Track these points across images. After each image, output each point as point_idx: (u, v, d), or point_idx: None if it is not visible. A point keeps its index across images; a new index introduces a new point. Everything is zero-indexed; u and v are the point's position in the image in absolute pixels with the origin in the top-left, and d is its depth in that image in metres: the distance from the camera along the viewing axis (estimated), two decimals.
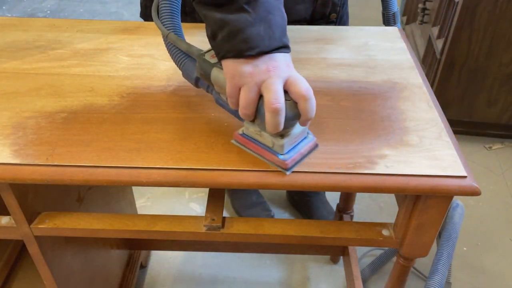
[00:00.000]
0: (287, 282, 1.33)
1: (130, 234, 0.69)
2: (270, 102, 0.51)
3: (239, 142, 0.60)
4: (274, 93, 0.51)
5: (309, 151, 0.59)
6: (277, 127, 0.52)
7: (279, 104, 0.51)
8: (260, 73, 0.52)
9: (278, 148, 0.56)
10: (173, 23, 0.64)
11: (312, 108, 0.52)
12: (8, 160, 0.57)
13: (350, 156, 0.58)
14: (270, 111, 0.51)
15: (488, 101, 1.74)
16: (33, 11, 2.94)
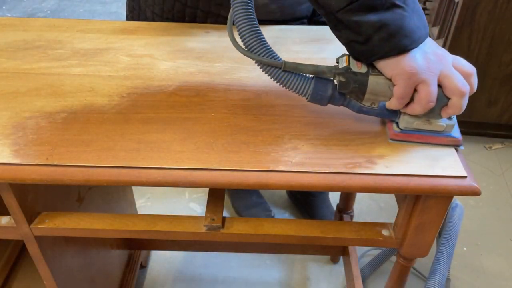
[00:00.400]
0: (287, 282, 1.33)
1: (130, 234, 0.69)
2: (459, 87, 0.53)
3: (399, 139, 0.61)
4: (458, 77, 0.54)
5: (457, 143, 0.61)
6: (464, 108, 0.55)
7: (467, 86, 0.54)
8: (435, 63, 0.53)
9: (450, 128, 0.59)
10: (266, 48, 0.58)
11: (476, 82, 0.56)
12: (8, 160, 0.57)
13: (350, 156, 0.58)
14: (461, 96, 0.54)
15: (488, 101, 1.74)
16: (33, 11, 2.94)
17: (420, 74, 0.52)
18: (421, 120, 0.58)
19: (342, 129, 0.63)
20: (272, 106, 0.67)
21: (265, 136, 0.61)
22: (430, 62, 0.53)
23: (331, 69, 0.58)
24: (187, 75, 0.74)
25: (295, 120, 0.64)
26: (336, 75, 0.58)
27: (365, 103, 0.59)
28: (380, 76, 0.56)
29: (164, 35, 0.86)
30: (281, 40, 0.85)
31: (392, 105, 0.57)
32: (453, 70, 0.54)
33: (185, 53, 0.80)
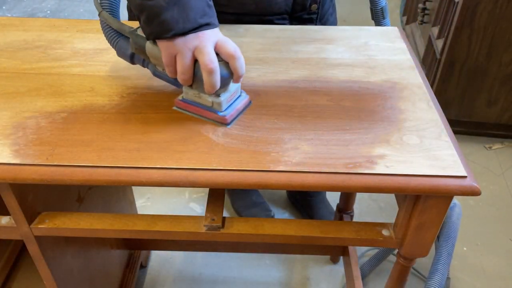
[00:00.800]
0: (287, 282, 1.33)
1: (130, 234, 0.69)
2: (205, 63, 0.57)
3: (180, 107, 0.66)
4: (208, 55, 0.57)
5: (244, 107, 0.66)
6: (214, 86, 0.59)
7: (213, 64, 0.57)
8: (192, 40, 0.58)
9: (217, 106, 0.62)
10: (110, 2, 0.67)
11: (241, 65, 0.59)
12: (8, 160, 0.57)
13: (350, 156, 0.58)
14: (207, 72, 0.58)
15: (488, 101, 1.74)
16: (33, 11, 2.94)
17: (174, 46, 0.58)
18: (193, 92, 0.63)
19: (342, 129, 0.63)
20: (272, 106, 0.67)
21: (265, 136, 0.61)
22: (187, 38, 0.58)
23: (130, 30, 0.64)
24: None
25: (295, 120, 0.64)
26: (129, 35, 0.64)
27: (157, 67, 0.65)
28: (155, 43, 0.61)
29: None
30: (282, 40, 0.85)
31: (166, 71, 0.62)
32: (209, 49, 0.58)
33: None
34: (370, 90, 0.71)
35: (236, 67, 0.59)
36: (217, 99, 0.62)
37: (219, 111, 0.63)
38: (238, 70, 0.60)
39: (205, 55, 0.57)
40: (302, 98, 0.69)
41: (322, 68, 0.77)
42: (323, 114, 0.66)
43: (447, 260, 1.07)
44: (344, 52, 0.81)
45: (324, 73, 0.75)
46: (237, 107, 0.65)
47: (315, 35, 0.87)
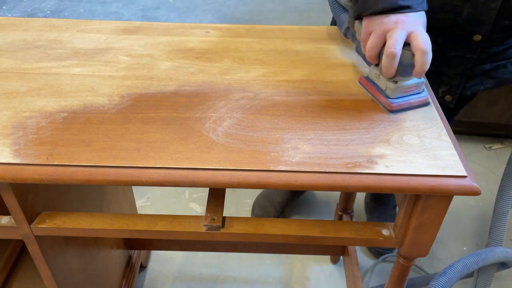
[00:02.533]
0: (287, 282, 1.33)
1: (130, 234, 0.69)
2: (388, 46, 0.60)
3: (361, 83, 0.71)
4: (393, 39, 0.60)
5: (418, 105, 0.66)
6: (390, 70, 0.62)
7: (395, 49, 0.59)
8: (389, 23, 0.61)
9: (389, 92, 0.65)
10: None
11: (426, 61, 0.59)
12: (8, 160, 0.57)
13: (350, 155, 0.58)
14: (386, 55, 0.61)
15: (488, 101, 1.74)
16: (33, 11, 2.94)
17: (373, 25, 0.63)
18: (375, 72, 0.67)
19: (342, 129, 0.63)
20: (272, 106, 0.67)
21: (265, 136, 0.61)
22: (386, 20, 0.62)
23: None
24: (187, 75, 0.74)
25: (295, 120, 0.65)
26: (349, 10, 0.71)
27: (360, 44, 0.68)
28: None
29: (164, 35, 0.86)
30: (282, 40, 0.85)
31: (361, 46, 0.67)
32: (397, 34, 0.60)
33: (185, 53, 0.80)
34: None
35: (420, 61, 0.59)
36: (392, 84, 0.64)
37: (389, 97, 0.65)
38: (421, 64, 0.60)
39: (391, 38, 0.60)
40: (302, 98, 0.69)
41: (322, 68, 0.77)
42: (323, 114, 0.66)
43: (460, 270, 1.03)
44: (345, 52, 0.81)
45: (324, 73, 0.75)
46: (410, 101, 0.65)
47: (315, 35, 0.87)
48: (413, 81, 0.64)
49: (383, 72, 0.63)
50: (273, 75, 0.75)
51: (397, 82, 0.64)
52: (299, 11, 2.91)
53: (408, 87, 0.64)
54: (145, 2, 3.05)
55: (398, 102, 0.65)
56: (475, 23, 0.85)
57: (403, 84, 0.64)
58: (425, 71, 0.61)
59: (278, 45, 0.83)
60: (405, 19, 0.61)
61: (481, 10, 0.82)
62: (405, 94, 0.65)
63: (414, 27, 0.61)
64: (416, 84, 0.65)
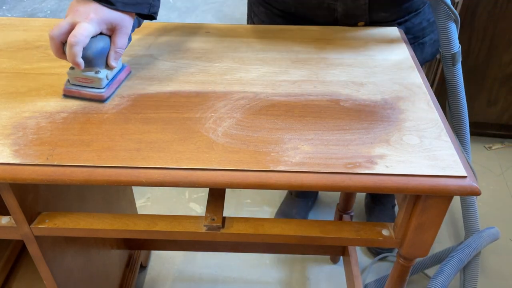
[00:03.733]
0: (287, 282, 1.33)
1: (130, 234, 0.69)
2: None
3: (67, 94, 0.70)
4: (56, 25, 0.63)
5: (90, 98, 0.67)
6: (51, 51, 0.64)
7: (51, 32, 0.62)
8: (69, 9, 0.64)
9: (68, 77, 0.68)
10: None
11: (71, 53, 0.61)
12: (8, 160, 0.57)
13: (350, 156, 0.58)
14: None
15: (488, 101, 1.74)
16: (33, 11, 2.94)
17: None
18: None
19: (342, 129, 0.63)
20: (272, 106, 0.67)
21: (265, 136, 0.61)
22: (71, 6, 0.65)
23: None
24: (187, 75, 0.74)
25: (295, 120, 0.65)
26: None
27: None
28: None
29: (164, 35, 0.86)
30: (282, 40, 0.85)
31: None
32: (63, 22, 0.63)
33: (185, 53, 0.80)
34: (370, 90, 0.71)
35: (67, 52, 0.62)
36: (69, 70, 0.67)
37: (68, 81, 0.68)
38: (67, 54, 0.62)
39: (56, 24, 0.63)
40: (302, 98, 0.69)
41: (322, 68, 0.77)
42: (323, 114, 0.66)
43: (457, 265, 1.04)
44: (344, 52, 0.81)
45: (324, 73, 0.75)
46: (81, 91, 0.67)
47: (315, 35, 0.87)
48: (86, 73, 0.66)
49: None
50: (273, 75, 0.75)
51: (73, 69, 0.67)
52: None
53: (82, 77, 0.67)
54: None
55: (69, 88, 0.67)
56: (352, 16, 0.89)
57: (77, 73, 0.66)
58: (74, 62, 0.62)
59: (278, 45, 0.83)
60: (80, 9, 0.63)
61: (352, 6, 0.87)
62: (81, 83, 0.67)
63: (81, 19, 0.62)
64: (89, 77, 0.66)
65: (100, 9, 0.63)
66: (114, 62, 0.67)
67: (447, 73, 0.85)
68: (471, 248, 1.07)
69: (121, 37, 0.67)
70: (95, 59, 0.65)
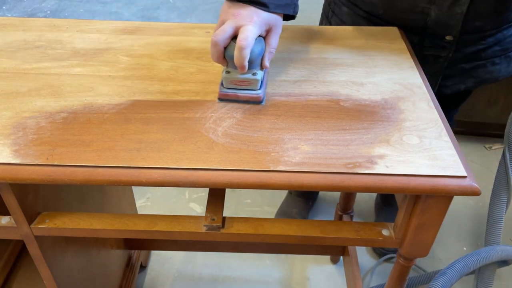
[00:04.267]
0: (287, 282, 1.33)
1: (130, 234, 0.69)
2: (213, 34, 0.63)
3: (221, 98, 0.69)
4: (219, 30, 0.63)
5: (247, 100, 0.67)
6: (213, 57, 0.65)
7: (215, 37, 0.62)
8: (228, 14, 0.64)
9: (223, 80, 0.67)
10: None
11: (241, 56, 0.61)
12: (8, 160, 0.57)
13: (350, 156, 0.58)
14: (211, 41, 0.63)
15: (488, 101, 1.74)
16: (33, 11, 2.94)
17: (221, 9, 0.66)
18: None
19: (342, 129, 0.63)
20: (272, 106, 0.67)
21: (265, 136, 0.61)
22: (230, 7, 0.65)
23: None
24: (187, 75, 0.74)
25: (295, 120, 0.65)
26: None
27: None
28: None
29: (164, 35, 0.86)
30: (282, 40, 0.85)
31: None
32: (226, 25, 0.63)
33: (185, 53, 0.80)
34: (370, 90, 0.71)
35: (236, 55, 0.61)
36: (224, 74, 0.66)
37: (222, 85, 0.67)
38: (236, 58, 0.62)
39: (219, 28, 0.63)
40: (302, 98, 0.69)
41: (322, 68, 0.77)
42: (323, 114, 0.66)
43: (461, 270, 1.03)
44: (344, 52, 0.81)
45: (324, 73, 0.75)
46: (238, 94, 0.67)
47: (315, 35, 0.87)
48: (244, 75, 0.65)
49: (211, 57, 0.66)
50: (273, 75, 0.75)
51: (229, 72, 0.66)
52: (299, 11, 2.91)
53: (239, 80, 0.66)
54: (145, 2, 3.05)
55: (225, 92, 0.66)
56: (444, 25, 0.86)
57: (234, 76, 0.65)
58: (242, 66, 0.62)
59: (278, 45, 0.83)
60: (242, 12, 0.63)
61: (447, 14, 0.84)
62: (237, 86, 0.66)
63: (245, 22, 0.62)
64: (247, 79, 0.65)
65: (260, 12, 0.64)
66: (268, 62, 0.67)
67: None
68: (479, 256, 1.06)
69: (275, 37, 0.68)
70: (255, 61, 0.65)
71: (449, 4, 0.82)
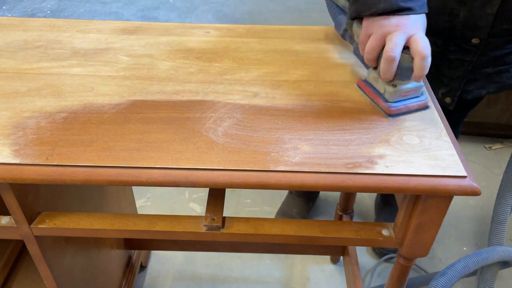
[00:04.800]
0: (287, 282, 1.33)
1: (130, 234, 0.69)
2: (386, 50, 0.60)
3: (360, 86, 0.70)
4: (393, 43, 0.59)
5: (417, 108, 0.66)
6: (388, 74, 0.61)
7: (393, 53, 0.59)
8: (389, 26, 0.61)
9: (388, 95, 0.64)
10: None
11: (425, 65, 0.59)
12: (8, 160, 0.57)
13: (350, 156, 0.58)
14: (385, 58, 0.60)
15: (488, 101, 1.74)
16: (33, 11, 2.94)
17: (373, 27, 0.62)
18: (373, 75, 0.67)
19: (342, 129, 0.63)
20: (272, 106, 0.67)
21: (265, 136, 0.61)
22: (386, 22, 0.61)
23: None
24: (187, 75, 0.74)
25: (295, 120, 0.65)
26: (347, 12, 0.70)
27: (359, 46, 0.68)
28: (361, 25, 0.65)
29: (164, 35, 0.86)
30: (282, 40, 0.85)
31: (359, 48, 0.67)
32: (397, 38, 0.60)
33: (185, 53, 0.80)
34: None
35: (419, 65, 0.59)
36: (390, 88, 0.63)
37: (388, 101, 0.64)
38: (419, 68, 0.59)
39: (390, 42, 0.59)
40: (302, 98, 0.69)
41: (322, 68, 0.77)
42: (323, 114, 0.66)
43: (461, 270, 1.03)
44: (344, 52, 0.81)
45: (324, 73, 0.75)
46: (409, 105, 0.65)
47: (315, 35, 0.87)
48: (412, 85, 0.64)
49: (382, 75, 0.62)
50: (273, 75, 0.75)
51: (396, 85, 0.63)
52: (299, 11, 2.91)
53: (407, 91, 0.64)
54: (145, 2, 3.05)
55: (396, 106, 0.64)
56: (472, 26, 0.85)
57: (401, 88, 0.63)
58: (423, 75, 0.60)
59: (278, 45, 0.83)
60: (406, 22, 0.60)
61: (477, 14, 0.82)
62: (404, 98, 0.65)
63: (414, 31, 0.60)
64: (415, 88, 0.64)
65: (417, 17, 0.62)
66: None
67: None
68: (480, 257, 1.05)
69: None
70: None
71: (480, 4, 0.80)
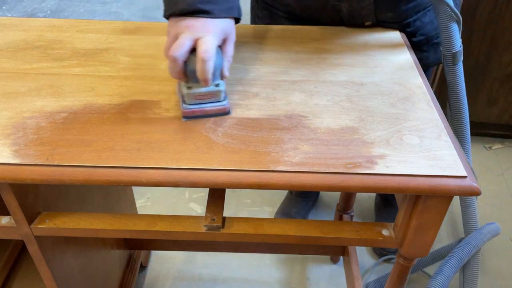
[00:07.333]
0: (287, 282, 1.33)
1: (130, 234, 0.69)
2: (166, 49, 0.61)
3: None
4: (176, 44, 0.59)
5: (215, 113, 0.65)
6: (173, 73, 0.61)
7: (172, 53, 0.59)
8: (180, 27, 0.61)
9: (186, 98, 0.64)
10: None
11: (205, 69, 0.58)
12: (8, 160, 0.57)
13: (350, 156, 0.58)
14: (167, 57, 0.60)
15: (488, 101, 1.74)
16: (33, 11, 2.94)
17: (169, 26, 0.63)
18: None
19: (342, 129, 0.63)
20: (272, 106, 0.67)
21: (265, 136, 0.61)
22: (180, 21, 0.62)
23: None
24: None
25: (295, 120, 0.64)
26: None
27: None
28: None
29: (164, 35, 0.85)
30: (282, 40, 0.85)
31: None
32: (183, 39, 0.59)
33: None
34: (370, 91, 0.71)
35: (199, 68, 0.59)
36: (185, 90, 0.63)
37: (185, 103, 0.64)
38: (200, 72, 0.59)
39: (175, 42, 0.59)
40: (302, 98, 0.69)
41: (322, 68, 0.77)
42: (323, 114, 0.66)
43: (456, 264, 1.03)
44: (344, 52, 0.81)
45: (324, 73, 0.75)
46: (205, 109, 0.64)
47: (315, 35, 0.87)
48: (207, 89, 0.63)
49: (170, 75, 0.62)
50: (273, 75, 0.75)
51: (190, 88, 0.63)
52: None
53: (202, 94, 0.63)
54: (145, 2, 3.05)
55: (191, 108, 0.63)
56: (358, 16, 0.88)
57: (196, 91, 0.63)
58: (206, 79, 0.59)
59: (278, 45, 0.83)
60: (196, 24, 0.60)
61: (358, 6, 0.86)
62: (201, 101, 0.64)
63: (203, 33, 0.60)
64: (211, 92, 0.63)
65: (213, 21, 0.62)
66: (228, 72, 0.65)
67: (447, 72, 0.84)
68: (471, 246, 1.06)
69: (231, 46, 0.65)
70: (216, 72, 0.62)
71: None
